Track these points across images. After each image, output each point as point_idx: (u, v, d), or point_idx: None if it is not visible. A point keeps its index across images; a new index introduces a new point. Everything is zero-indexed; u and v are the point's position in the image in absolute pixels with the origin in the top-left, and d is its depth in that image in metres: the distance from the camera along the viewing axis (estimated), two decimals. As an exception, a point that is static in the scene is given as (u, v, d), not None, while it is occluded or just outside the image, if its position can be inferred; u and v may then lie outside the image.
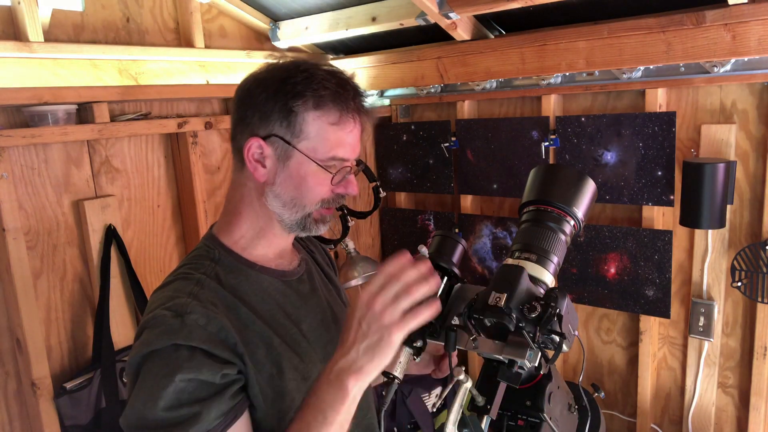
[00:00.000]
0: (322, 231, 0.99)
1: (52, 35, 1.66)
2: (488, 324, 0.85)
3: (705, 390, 1.81)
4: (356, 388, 0.78)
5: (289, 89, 0.90)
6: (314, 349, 0.98)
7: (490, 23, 1.97)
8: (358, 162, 1.01)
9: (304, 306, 1.01)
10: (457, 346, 0.90)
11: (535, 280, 0.88)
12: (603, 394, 1.02)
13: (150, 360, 0.81)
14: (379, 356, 0.77)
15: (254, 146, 0.92)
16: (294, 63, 0.93)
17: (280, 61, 0.95)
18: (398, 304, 0.77)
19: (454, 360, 1.08)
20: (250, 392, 0.87)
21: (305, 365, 0.95)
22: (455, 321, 0.86)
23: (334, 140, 0.92)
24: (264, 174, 0.94)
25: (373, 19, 2.00)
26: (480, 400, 0.85)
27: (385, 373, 0.93)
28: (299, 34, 2.18)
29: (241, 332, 0.88)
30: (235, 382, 0.84)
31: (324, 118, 0.91)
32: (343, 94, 0.91)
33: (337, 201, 0.98)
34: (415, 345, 0.93)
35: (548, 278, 0.90)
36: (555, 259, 0.91)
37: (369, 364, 0.77)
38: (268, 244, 0.99)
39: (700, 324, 1.76)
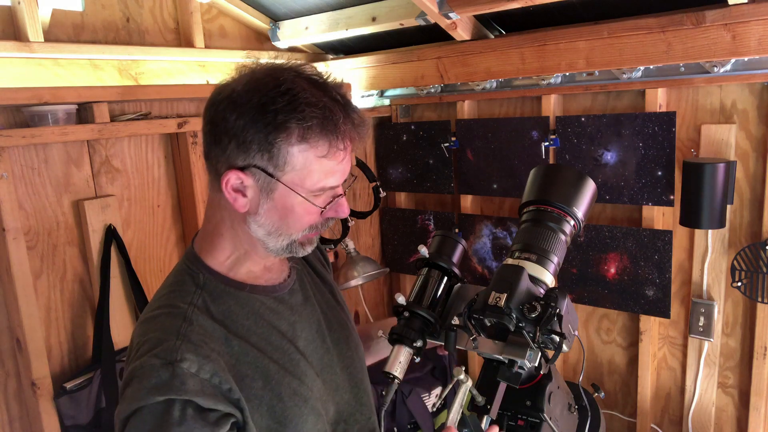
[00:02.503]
0: (309, 252, 0.94)
1: (52, 35, 1.66)
2: (488, 324, 0.85)
3: (705, 390, 1.82)
4: None
5: (269, 119, 0.80)
6: (311, 365, 0.95)
7: (490, 23, 1.97)
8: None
9: (298, 320, 0.97)
10: (457, 346, 0.90)
11: (535, 280, 0.88)
12: (603, 394, 1.02)
13: (140, 414, 0.76)
14: None
15: (233, 178, 0.84)
16: (273, 78, 0.82)
17: (256, 69, 0.85)
18: None
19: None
20: None
21: (305, 386, 0.91)
22: (455, 321, 0.87)
23: (322, 172, 0.85)
24: (245, 204, 0.86)
25: (373, 19, 2.00)
26: (480, 400, 0.85)
27: (385, 373, 0.93)
28: (299, 34, 2.19)
29: (235, 368, 0.85)
30: None
31: (311, 150, 0.82)
32: (331, 119, 0.82)
33: (326, 225, 0.93)
34: (415, 345, 0.94)
35: (548, 278, 0.90)
36: (555, 259, 0.91)
37: None
38: (253, 264, 0.94)
39: (700, 324, 1.76)
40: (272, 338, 0.91)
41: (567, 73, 1.85)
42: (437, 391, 2.16)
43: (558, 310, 0.80)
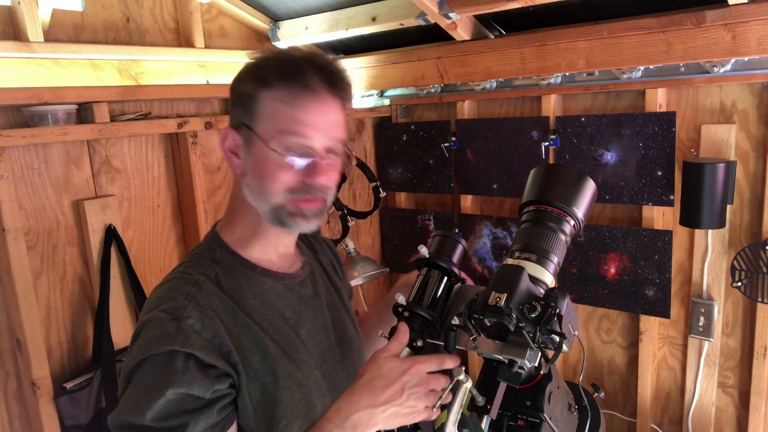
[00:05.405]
0: (307, 228, 0.92)
1: (52, 35, 1.66)
2: (488, 324, 0.85)
3: (705, 390, 1.81)
4: None
5: (243, 75, 0.91)
6: (311, 355, 0.97)
7: (490, 23, 1.97)
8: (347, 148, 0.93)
9: (304, 310, 0.99)
10: (457, 346, 0.90)
11: (535, 280, 0.88)
12: (603, 394, 1.02)
13: (144, 366, 0.80)
14: (397, 424, 0.81)
15: (229, 137, 0.92)
16: (268, 50, 0.94)
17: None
18: (440, 396, 0.83)
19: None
20: (240, 402, 0.86)
21: (301, 372, 0.93)
22: (455, 321, 0.86)
23: (286, 120, 0.86)
24: (238, 165, 0.91)
25: (373, 19, 2.00)
26: (480, 400, 0.85)
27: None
28: (299, 34, 2.19)
29: (236, 338, 0.87)
30: (225, 397, 0.83)
31: (272, 95, 0.87)
32: (293, 69, 0.86)
33: (309, 191, 0.89)
34: (415, 345, 0.94)
35: (548, 278, 0.90)
36: (555, 259, 0.91)
37: (385, 424, 0.80)
38: (265, 244, 0.96)
39: (700, 324, 1.76)
40: (275, 321, 0.93)
41: (567, 73, 1.85)
42: (437, 391, 2.16)
43: (558, 310, 0.80)
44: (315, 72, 0.87)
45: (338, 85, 0.89)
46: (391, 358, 0.83)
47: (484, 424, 0.84)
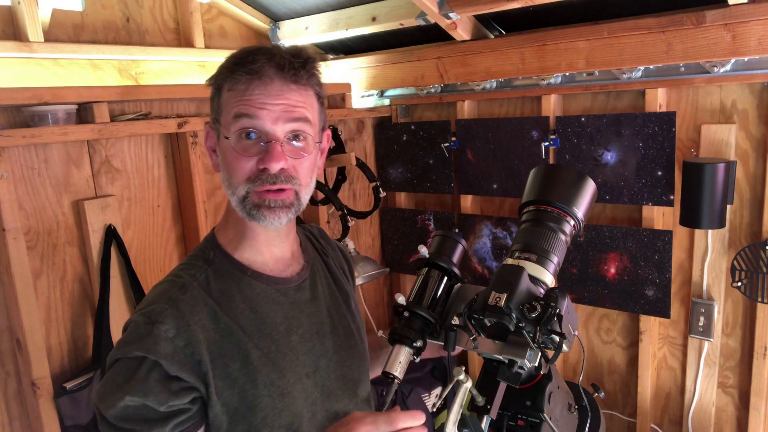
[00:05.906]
0: (275, 221, 0.89)
1: (52, 35, 1.67)
2: (488, 324, 0.85)
3: (705, 390, 1.82)
4: None
5: (215, 74, 0.92)
6: (302, 362, 0.95)
7: (490, 23, 1.97)
8: (297, 135, 0.89)
9: (297, 316, 0.97)
10: (457, 346, 0.90)
11: (535, 280, 0.88)
12: (603, 394, 1.02)
13: (116, 366, 0.84)
14: None
15: (209, 135, 0.95)
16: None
17: None
18: None
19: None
20: (210, 412, 0.86)
21: (285, 380, 0.91)
22: (455, 321, 0.86)
23: (236, 105, 0.86)
24: (216, 162, 0.94)
25: (373, 19, 2.00)
26: (480, 400, 0.85)
27: (385, 373, 0.93)
28: (299, 34, 2.19)
29: (215, 344, 0.86)
30: (182, 413, 0.83)
31: (227, 85, 0.89)
32: (244, 57, 0.88)
33: (269, 179, 0.87)
34: (415, 345, 0.94)
35: (548, 278, 0.90)
36: (555, 259, 0.91)
37: None
38: (255, 244, 0.95)
39: (700, 324, 1.76)
40: (262, 326, 0.92)
41: (567, 73, 1.85)
42: (437, 391, 2.16)
43: (558, 310, 0.80)
44: (265, 59, 0.87)
45: (291, 69, 0.88)
46: (345, 420, 0.78)
47: (484, 424, 0.84)
